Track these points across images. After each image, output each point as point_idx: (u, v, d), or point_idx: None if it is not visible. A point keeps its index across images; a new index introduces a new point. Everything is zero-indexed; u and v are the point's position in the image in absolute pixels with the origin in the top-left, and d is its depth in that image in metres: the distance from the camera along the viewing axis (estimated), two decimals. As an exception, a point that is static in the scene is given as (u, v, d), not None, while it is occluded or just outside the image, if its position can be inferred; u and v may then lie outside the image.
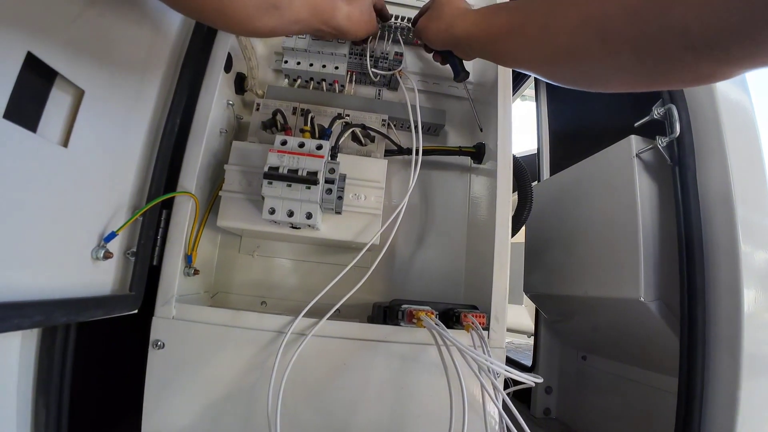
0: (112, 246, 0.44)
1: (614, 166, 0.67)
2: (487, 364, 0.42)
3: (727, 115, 0.57)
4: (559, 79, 0.41)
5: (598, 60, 0.35)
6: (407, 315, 0.47)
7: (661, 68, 0.32)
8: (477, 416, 0.44)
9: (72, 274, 0.41)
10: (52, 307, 0.36)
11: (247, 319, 0.48)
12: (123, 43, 0.44)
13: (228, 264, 0.63)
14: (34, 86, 0.37)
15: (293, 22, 0.44)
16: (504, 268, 0.52)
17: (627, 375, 0.75)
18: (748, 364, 0.52)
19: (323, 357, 0.48)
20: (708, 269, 0.55)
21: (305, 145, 0.49)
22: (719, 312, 0.54)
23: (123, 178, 0.47)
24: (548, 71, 0.42)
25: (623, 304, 0.63)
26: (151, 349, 0.47)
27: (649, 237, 0.60)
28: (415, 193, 0.68)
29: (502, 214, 0.53)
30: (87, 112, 0.41)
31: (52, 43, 0.36)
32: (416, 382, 0.49)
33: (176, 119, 0.50)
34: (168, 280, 0.48)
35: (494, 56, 0.47)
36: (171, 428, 0.47)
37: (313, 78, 0.65)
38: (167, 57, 0.52)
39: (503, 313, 0.51)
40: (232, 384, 0.47)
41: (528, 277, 0.92)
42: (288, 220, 0.48)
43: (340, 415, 0.48)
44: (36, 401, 0.46)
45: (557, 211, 0.84)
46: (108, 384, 0.61)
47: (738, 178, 0.55)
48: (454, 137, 0.72)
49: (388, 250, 0.65)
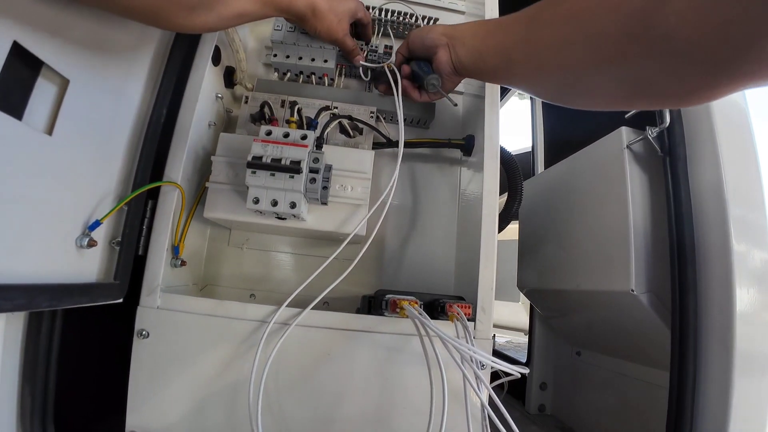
0: (96, 234, 0.44)
1: (605, 158, 0.67)
2: (470, 353, 0.41)
3: (719, 104, 0.57)
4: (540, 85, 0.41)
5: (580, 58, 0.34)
6: (391, 304, 0.47)
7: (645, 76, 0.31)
8: (460, 408, 0.44)
9: (56, 262, 0.41)
10: (35, 292, 0.37)
11: (230, 308, 0.48)
12: (110, 32, 0.44)
13: (217, 257, 0.64)
14: (20, 75, 0.37)
15: (236, 15, 0.43)
16: (491, 259, 0.51)
17: (621, 370, 0.74)
18: (741, 356, 0.51)
19: (307, 347, 0.48)
20: (699, 260, 0.55)
21: (290, 135, 0.49)
22: (711, 303, 0.54)
23: (108, 167, 0.47)
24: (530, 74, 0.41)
25: (615, 297, 0.63)
26: (135, 339, 0.47)
27: (640, 228, 0.60)
28: (404, 186, 0.68)
29: (489, 205, 0.53)
30: (72, 101, 0.41)
31: (38, 32, 0.37)
32: (401, 372, 0.49)
33: (162, 110, 0.50)
34: (153, 270, 0.48)
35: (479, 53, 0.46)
36: (156, 417, 0.47)
37: (302, 71, 0.65)
38: (154, 48, 0.52)
39: (490, 304, 0.51)
40: (216, 374, 0.47)
41: (522, 273, 0.92)
42: (272, 210, 0.48)
43: (324, 406, 0.48)
44: (22, 389, 0.47)
45: (550, 205, 0.84)
46: (94, 373, 0.61)
47: (729, 168, 0.55)
48: (444, 130, 0.71)
49: (378, 243, 0.65)
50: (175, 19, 0.38)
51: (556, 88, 0.40)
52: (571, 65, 0.35)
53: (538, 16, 0.39)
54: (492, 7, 0.62)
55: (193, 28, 0.41)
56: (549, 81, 0.40)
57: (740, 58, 0.25)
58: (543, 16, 0.39)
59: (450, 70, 0.51)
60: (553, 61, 0.37)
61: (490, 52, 0.45)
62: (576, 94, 0.39)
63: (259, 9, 0.45)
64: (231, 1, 0.41)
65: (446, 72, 0.52)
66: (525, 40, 0.40)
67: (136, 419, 0.47)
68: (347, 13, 0.56)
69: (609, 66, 0.32)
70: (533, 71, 0.41)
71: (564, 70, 0.37)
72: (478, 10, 0.67)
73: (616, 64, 0.32)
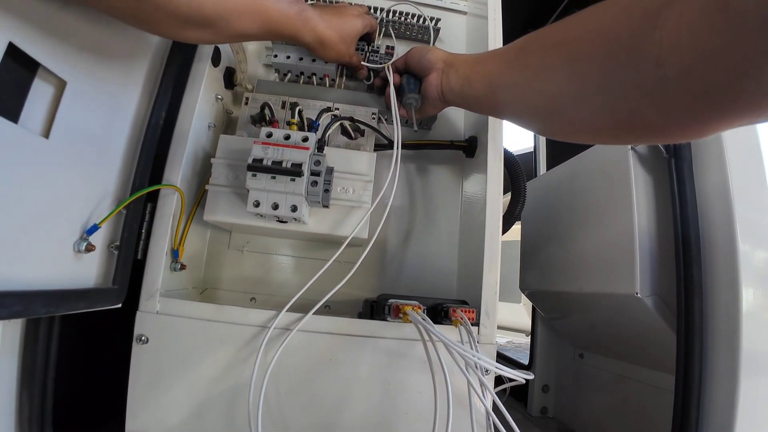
0: (94, 239, 0.44)
1: (609, 160, 0.66)
2: (474, 359, 0.41)
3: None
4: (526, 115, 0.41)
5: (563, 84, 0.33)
6: (393, 309, 0.46)
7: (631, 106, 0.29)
8: (465, 414, 0.43)
9: (53, 267, 0.40)
10: (32, 298, 0.36)
11: (231, 313, 0.47)
12: (108, 34, 0.44)
13: (217, 260, 0.63)
14: (16, 77, 0.37)
15: (237, 35, 0.42)
16: (494, 262, 0.51)
17: (624, 373, 0.74)
18: (747, 359, 0.51)
19: (309, 352, 0.48)
20: (705, 263, 0.54)
21: (291, 137, 0.48)
22: (717, 307, 0.53)
23: (107, 170, 0.46)
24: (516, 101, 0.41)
25: (619, 300, 0.62)
26: (135, 344, 0.47)
27: (645, 231, 0.59)
28: (406, 187, 0.68)
29: (493, 207, 0.52)
30: (69, 103, 0.40)
31: (34, 33, 0.36)
32: (404, 378, 0.48)
33: (161, 112, 0.50)
34: (152, 275, 0.48)
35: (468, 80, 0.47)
36: (155, 424, 0.47)
37: (303, 72, 0.64)
38: (153, 49, 0.51)
39: (494, 309, 0.50)
40: (216, 379, 0.47)
41: (524, 275, 0.91)
42: (273, 213, 0.47)
43: (326, 411, 0.47)
44: (20, 395, 0.46)
45: (553, 207, 0.83)
46: (93, 378, 0.61)
47: (735, 170, 0.54)
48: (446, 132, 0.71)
49: (380, 246, 0.65)
50: (165, 29, 0.38)
51: (539, 117, 0.40)
52: (554, 93, 0.35)
53: (527, 45, 0.39)
54: (495, 7, 0.61)
55: (187, 39, 0.40)
56: (532, 109, 0.40)
57: (734, 89, 0.23)
58: (532, 43, 0.38)
59: (436, 94, 0.52)
60: (535, 87, 0.37)
61: (478, 78, 0.45)
62: (559, 123, 0.38)
63: (261, 33, 0.44)
64: (232, 22, 0.40)
65: (431, 96, 0.53)
66: (510, 66, 0.40)
67: (136, 425, 0.47)
68: (354, 34, 0.56)
69: (593, 94, 0.31)
70: (517, 98, 0.40)
71: (546, 98, 0.36)
72: (480, 11, 0.66)
73: (600, 93, 0.31)
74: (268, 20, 0.44)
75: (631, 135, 0.35)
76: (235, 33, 0.42)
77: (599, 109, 0.32)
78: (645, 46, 0.26)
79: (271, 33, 0.46)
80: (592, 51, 0.30)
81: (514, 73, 0.40)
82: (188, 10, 0.36)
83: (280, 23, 0.45)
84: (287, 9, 0.45)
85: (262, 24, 0.43)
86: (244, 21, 0.41)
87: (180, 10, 0.36)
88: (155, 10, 0.35)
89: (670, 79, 0.25)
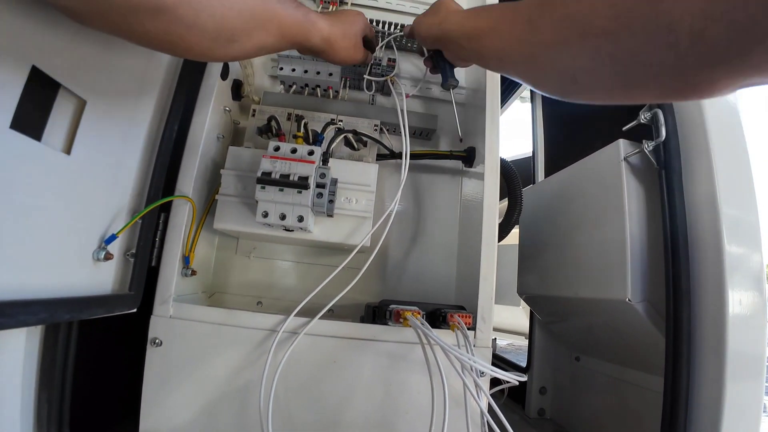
0: (112, 248, 0.46)
1: (603, 170, 0.68)
2: (470, 362, 0.43)
3: (714, 118, 0.58)
4: (541, 83, 0.42)
5: (577, 57, 0.35)
6: (394, 315, 0.48)
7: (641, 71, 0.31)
8: (461, 415, 0.46)
9: (74, 275, 0.43)
10: (56, 305, 0.39)
11: (240, 318, 0.50)
12: (123, 54, 0.46)
13: (225, 265, 0.66)
14: (39, 98, 0.39)
15: (257, 48, 0.44)
16: (491, 269, 0.53)
17: (619, 376, 0.76)
18: (733, 363, 0.53)
19: (315, 355, 0.50)
20: (693, 270, 0.56)
21: (297, 150, 0.50)
22: (704, 312, 0.55)
23: (123, 182, 0.49)
24: (530, 73, 0.42)
25: (611, 305, 0.64)
26: (149, 347, 0.49)
27: (636, 239, 0.62)
28: (407, 196, 0.70)
29: (489, 216, 0.55)
30: (89, 121, 0.43)
31: (55, 56, 0.38)
32: (404, 379, 0.51)
33: (174, 126, 0.52)
34: (166, 280, 0.50)
35: (480, 55, 0.47)
36: (168, 423, 0.49)
37: (307, 84, 0.67)
38: (165, 66, 0.54)
39: (490, 314, 0.53)
40: (226, 381, 0.49)
41: (522, 279, 0.94)
42: (280, 223, 0.50)
43: (331, 411, 0.50)
44: (39, 396, 0.49)
45: (549, 213, 0.86)
46: (108, 380, 0.63)
47: (723, 181, 0.56)
48: (446, 142, 0.73)
49: (381, 252, 0.67)
50: (198, 49, 0.39)
51: (552, 84, 0.40)
52: (567, 65, 0.36)
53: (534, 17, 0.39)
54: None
55: (214, 58, 0.42)
56: (546, 78, 0.41)
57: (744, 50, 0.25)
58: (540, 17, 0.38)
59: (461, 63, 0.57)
60: (548, 61, 0.38)
61: (489, 55, 0.46)
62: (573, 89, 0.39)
63: (277, 43, 0.46)
64: (253, 35, 0.42)
65: (460, 64, 0.57)
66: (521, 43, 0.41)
67: (150, 424, 0.49)
68: (359, 34, 0.57)
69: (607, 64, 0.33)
70: (530, 71, 0.42)
71: (559, 69, 0.37)
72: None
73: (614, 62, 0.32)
74: (281, 27, 0.45)
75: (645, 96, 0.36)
76: (257, 45, 0.43)
77: (613, 76, 0.34)
78: (657, 13, 0.27)
79: (284, 40, 0.47)
80: (604, 24, 0.31)
81: (524, 49, 0.40)
82: (214, 25, 0.38)
83: (292, 29, 0.47)
84: (295, 13, 0.47)
85: (277, 32, 0.45)
86: (262, 33, 0.43)
87: (207, 26, 0.37)
88: (187, 31, 0.36)
89: (682, 44, 0.26)
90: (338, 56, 0.54)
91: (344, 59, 0.55)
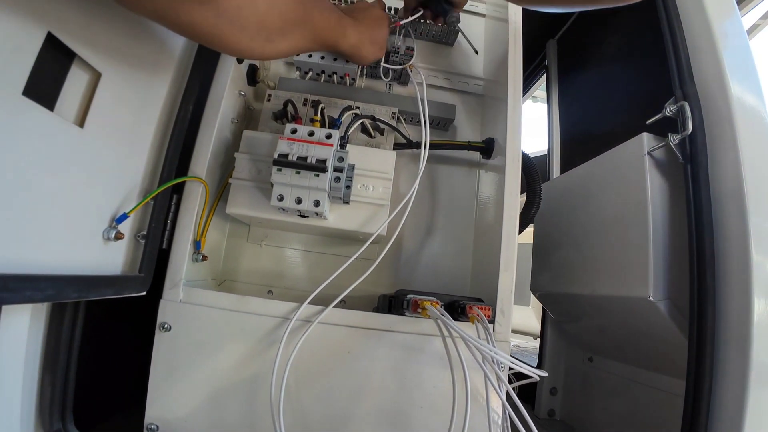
0: (123, 227, 0.45)
1: (625, 164, 0.66)
2: (492, 354, 0.41)
3: (741, 112, 0.56)
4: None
5: None
6: (412, 304, 0.47)
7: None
8: (480, 409, 0.44)
9: (83, 253, 0.41)
10: (64, 283, 0.37)
11: (252, 304, 0.48)
12: (141, 29, 0.45)
13: (236, 252, 0.64)
14: (53, 66, 0.38)
15: (290, 49, 0.44)
16: (511, 262, 0.51)
17: (634, 377, 0.74)
18: (758, 365, 0.51)
19: (327, 344, 0.49)
20: (719, 269, 0.55)
21: (315, 133, 0.49)
22: (729, 312, 0.53)
23: (136, 161, 0.47)
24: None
25: (631, 303, 0.63)
26: (157, 332, 0.48)
27: (660, 235, 0.60)
28: (423, 187, 0.69)
29: (510, 208, 0.53)
30: (103, 95, 0.41)
31: (72, 24, 0.37)
32: (420, 372, 0.49)
33: (189, 106, 0.51)
34: (177, 264, 0.49)
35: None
36: (175, 409, 0.48)
37: (324, 71, 0.65)
38: (182, 46, 0.53)
39: (509, 307, 0.51)
40: (236, 368, 0.48)
41: (536, 277, 0.92)
42: (296, 207, 0.48)
43: (343, 403, 0.48)
44: (42, 379, 0.47)
45: (566, 209, 0.84)
46: (114, 366, 0.62)
47: (751, 176, 0.54)
48: (463, 132, 0.72)
49: (395, 243, 0.65)
50: (236, 45, 0.38)
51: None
52: None
53: None
54: (516, 10, 0.62)
55: (251, 55, 0.41)
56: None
57: None
58: None
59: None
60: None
61: None
62: None
63: (309, 45, 0.47)
64: (288, 36, 0.42)
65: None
66: None
67: (156, 410, 0.48)
68: (386, 37, 0.59)
69: None
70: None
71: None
72: (499, 14, 0.67)
73: None
74: (315, 30, 0.46)
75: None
76: (292, 46, 0.44)
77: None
78: None
79: (316, 44, 0.48)
80: None
81: None
82: (255, 23, 0.38)
83: (324, 33, 0.48)
84: (329, 18, 0.48)
85: (310, 35, 0.46)
86: (297, 34, 0.43)
87: (248, 22, 0.37)
88: (230, 26, 0.36)
89: None
90: (364, 60, 0.57)
91: (369, 61, 0.58)
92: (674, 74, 0.61)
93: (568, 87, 1.16)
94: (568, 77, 1.16)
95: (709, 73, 0.59)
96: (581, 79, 1.09)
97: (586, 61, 1.04)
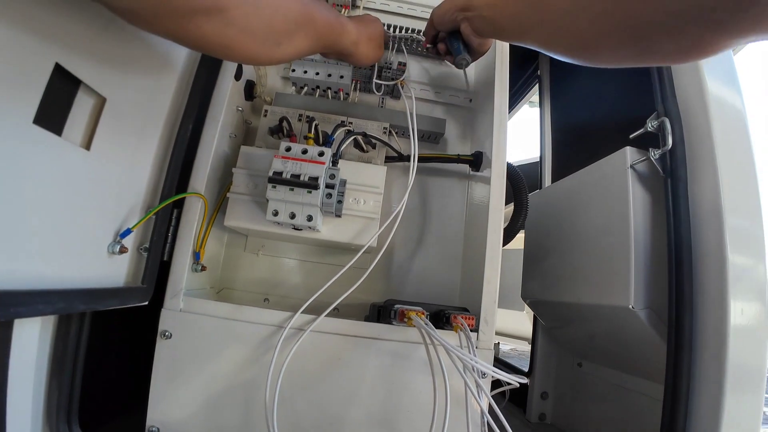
0: (126, 242, 0.48)
1: (609, 177, 0.69)
2: (472, 363, 0.44)
3: (720, 127, 0.59)
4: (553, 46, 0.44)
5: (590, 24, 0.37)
6: (399, 314, 0.49)
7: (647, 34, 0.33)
8: (461, 415, 0.46)
9: (90, 267, 0.44)
10: (73, 296, 0.40)
11: (248, 313, 0.51)
12: (141, 53, 0.48)
13: (233, 262, 0.67)
14: (61, 94, 0.40)
15: (296, 51, 0.46)
16: (494, 272, 0.54)
17: (621, 382, 0.76)
18: (733, 373, 0.53)
19: (320, 352, 0.51)
20: (696, 279, 0.57)
21: (308, 151, 0.52)
22: (706, 321, 0.56)
23: (138, 178, 0.50)
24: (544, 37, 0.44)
25: (614, 312, 0.65)
26: (159, 339, 0.51)
27: (641, 246, 0.62)
28: (414, 199, 0.71)
29: (494, 220, 0.55)
30: (108, 118, 0.44)
31: (78, 54, 0.39)
32: (407, 378, 0.51)
33: (189, 125, 0.53)
34: (177, 275, 0.52)
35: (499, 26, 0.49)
36: (175, 413, 0.50)
37: (319, 86, 0.68)
38: (181, 66, 0.55)
39: (492, 316, 0.53)
40: (233, 375, 0.51)
41: (526, 284, 0.94)
42: (290, 222, 0.51)
43: (335, 407, 0.51)
44: (50, 383, 0.50)
45: (555, 218, 0.86)
46: (117, 372, 0.64)
47: (728, 190, 0.56)
48: (454, 145, 0.74)
49: (387, 253, 0.68)
50: (248, 52, 0.40)
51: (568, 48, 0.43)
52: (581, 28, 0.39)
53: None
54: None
55: (261, 61, 0.43)
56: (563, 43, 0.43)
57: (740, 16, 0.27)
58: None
59: (475, 39, 0.56)
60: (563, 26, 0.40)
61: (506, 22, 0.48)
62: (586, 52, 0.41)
63: (313, 46, 0.48)
64: (294, 38, 0.44)
65: (473, 43, 0.57)
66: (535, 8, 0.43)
67: (157, 413, 0.50)
68: (382, 36, 0.61)
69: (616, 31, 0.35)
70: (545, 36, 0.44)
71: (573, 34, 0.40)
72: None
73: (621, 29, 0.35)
74: (317, 30, 0.47)
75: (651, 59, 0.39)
76: (297, 49, 0.45)
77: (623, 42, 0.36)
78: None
79: (319, 44, 0.49)
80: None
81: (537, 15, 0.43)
82: (263, 28, 0.39)
83: (325, 31, 0.49)
84: (329, 15, 0.49)
85: (314, 35, 0.47)
86: (302, 35, 0.45)
87: (257, 29, 0.39)
88: (240, 34, 0.37)
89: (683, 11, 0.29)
90: (363, 58, 0.57)
91: (368, 60, 0.59)
92: (656, 90, 0.63)
93: (559, 96, 1.18)
94: (560, 87, 1.18)
95: (690, 90, 0.61)
96: (572, 89, 1.11)
97: (578, 72, 1.06)
